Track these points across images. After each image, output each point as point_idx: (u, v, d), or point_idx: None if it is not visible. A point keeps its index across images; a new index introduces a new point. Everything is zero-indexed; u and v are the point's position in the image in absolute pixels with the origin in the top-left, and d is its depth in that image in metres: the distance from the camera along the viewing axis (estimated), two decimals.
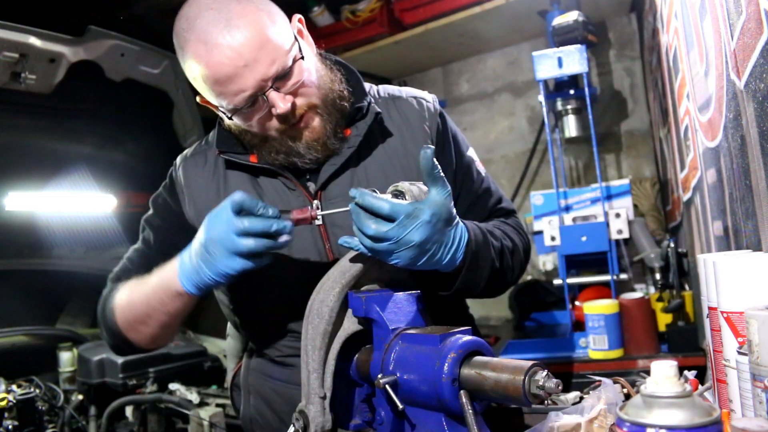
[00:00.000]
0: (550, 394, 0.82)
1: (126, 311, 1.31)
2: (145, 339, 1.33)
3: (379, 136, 1.33)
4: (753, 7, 0.97)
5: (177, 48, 1.19)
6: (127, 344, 1.35)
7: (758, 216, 1.08)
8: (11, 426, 2.27)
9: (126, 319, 1.31)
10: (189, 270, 1.15)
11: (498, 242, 1.23)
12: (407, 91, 1.43)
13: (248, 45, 1.10)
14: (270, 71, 1.12)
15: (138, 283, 1.29)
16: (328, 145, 1.24)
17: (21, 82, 2.49)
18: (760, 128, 1.01)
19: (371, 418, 1.06)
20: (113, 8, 2.70)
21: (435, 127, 1.38)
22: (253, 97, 1.14)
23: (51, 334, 3.09)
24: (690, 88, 1.69)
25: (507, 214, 1.43)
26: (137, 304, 1.28)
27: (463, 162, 1.40)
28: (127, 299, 1.31)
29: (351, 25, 3.33)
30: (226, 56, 1.10)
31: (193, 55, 1.13)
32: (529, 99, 3.73)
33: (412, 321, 1.03)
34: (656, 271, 2.60)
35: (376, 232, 0.97)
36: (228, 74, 1.11)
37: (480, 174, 1.42)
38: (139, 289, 1.28)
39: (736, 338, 0.85)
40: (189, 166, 1.38)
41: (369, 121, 1.28)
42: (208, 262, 1.10)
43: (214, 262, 1.09)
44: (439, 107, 1.42)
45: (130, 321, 1.30)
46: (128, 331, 1.32)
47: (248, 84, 1.12)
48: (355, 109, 1.29)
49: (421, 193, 1.02)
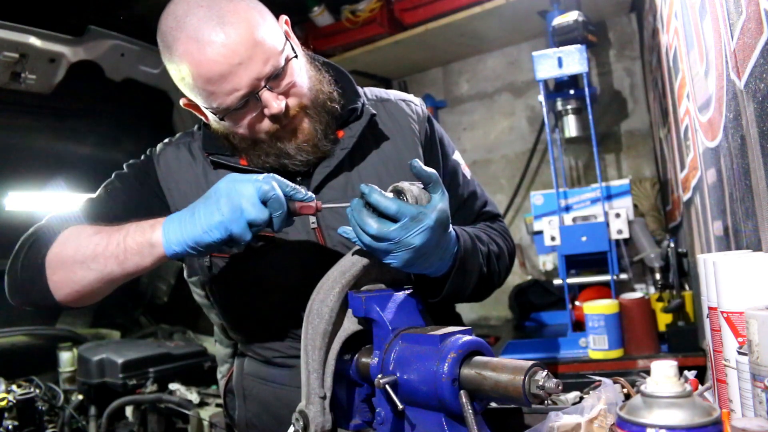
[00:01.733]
0: (550, 394, 0.82)
1: (67, 247, 1.17)
2: (67, 286, 1.18)
3: (371, 138, 1.32)
4: (753, 7, 0.97)
5: (163, 48, 1.15)
6: (37, 286, 1.19)
7: (758, 216, 1.08)
8: (11, 426, 2.27)
9: (61, 255, 1.17)
10: (178, 222, 1.08)
11: (485, 247, 1.23)
12: (394, 93, 1.43)
13: (243, 43, 1.08)
14: (264, 70, 1.11)
15: (94, 227, 1.19)
16: (320, 146, 1.23)
17: (21, 82, 2.50)
18: (760, 128, 1.01)
19: (371, 418, 1.06)
20: (113, 8, 2.70)
21: (424, 131, 1.37)
22: (246, 97, 1.12)
23: (51, 334, 3.10)
24: (690, 88, 1.69)
25: (492, 218, 1.43)
26: (86, 244, 1.15)
27: (449, 166, 1.40)
28: (75, 237, 1.18)
29: (351, 25, 3.32)
30: (220, 54, 1.07)
31: (183, 53, 1.10)
32: (529, 99, 3.73)
33: (412, 321, 1.03)
34: (656, 271, 2.61)
35: (379, 231, 0.97)
36: (222, 72, 1.09)
37: (466, 177, 1.42)
38: (96, 231, 1.17)
39: (736, 338, 0.85)
40: (170, 155, 1.34)
41: (364, 123, 1.28)
42: (209, 215, 1.04)
43: (221, 219, 1.03)
44: (426, 111, 1.42)
45: (67, 258, 1.16)
46: (54, 269, 1.17)
47: (242, 83, 1.10)
48: (349, 110, 1.28)
49: (420, 193, 1.02)
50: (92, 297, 1.21)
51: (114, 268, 1.13)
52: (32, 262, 1.20)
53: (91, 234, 1.17)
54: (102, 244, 1.14)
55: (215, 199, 1.04)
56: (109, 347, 2.79)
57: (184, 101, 1.23)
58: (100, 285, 1.17)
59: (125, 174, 1.36)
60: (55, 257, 1.18)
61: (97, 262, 1.14)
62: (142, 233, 1.11)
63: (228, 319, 1.39)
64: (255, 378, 1.38)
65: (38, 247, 1.20)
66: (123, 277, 1.16)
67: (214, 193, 1.06)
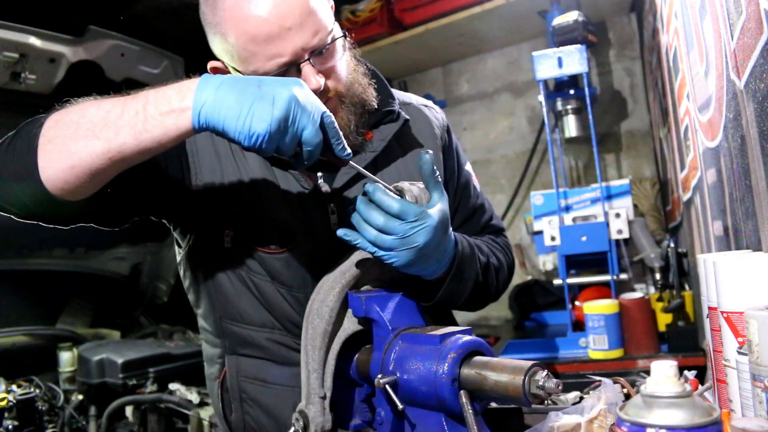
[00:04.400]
0: (550, 394, 0.82)
1: (70, 113, 0.98)
2: (61, 160, 0.94)
3: (396, 143, 1.28)
4: (753, 7, 0.97)
5: (207, 0, 1.07)
6: (19, 156, 0.97)
7: (758, 216, 1.08)
8: (11, 426, 2.27)
9: (63, 121, 0.96)
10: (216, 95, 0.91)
11: (485, 257, 1.23)
12: (415, 98, 1.40)
13: (297, 8, 1.03)
14: (312, 41, 1.06)
15: (104, 98, 1.01)
16: (350, 139, 1.15)
17: (21, 82, 2.49)
18: (760, 128, 1.01)
19: (371, 418, 1.06)
20: (113, 8, 2.70)
21: (444, 139, 1.36)
22: (287, 66, 1.06)
23: (51, 334, 3.10)
24: (690, 88, 1.69)
25: (497, 232, 1.43)
26: (95, 111, 0.96)
27: (462, 177, 1.39)
28: (80, 106, 0.99)
29: (351, 25, 3.32)
30: (272, 14, 1.01)
31: (233, 6, 1.03)
32: (529, 99, 3.73)
33: (412, 321, 1.03)
34: (656, 271, 2.60)
35: (385, 224, 0.96)
36: (270, 33, 1.02)
37: (476, 189, 1.41)
38: (106, 100, 0.99)
39: (736, 338, 0.85)
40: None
41: (397, 128, 1.24)
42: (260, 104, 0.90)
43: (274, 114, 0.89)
44: (446, 118, 1.41)
45: (69, 123, 0.96)
46: (50, 138, 0.95)
47: (287, 49, 1.04)
48: (384, 112, 1.24)
49: (421, 193, 1.02)
50: (87, 180, 0.97)
51: (128, 138, 0.93)
52: (24, 144, 0.97)
53: (101, 102, 0.98)
54: (115, 111, 0.94)
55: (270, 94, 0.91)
56: (109, 347, 2.79)
57: (212, 65, 1.15)
58: (103, 162, 0.95)
59: None
60: (55, 123, 0.96)
61: (108, 129, 0.93)
62: (167, 101, 0.94)
63: (223, 316, 1.31)
64: (254, 380, 1.31)
65: (36, 120, 1.00)
66: (136, 154, 0.96)
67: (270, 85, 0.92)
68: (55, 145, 0.95)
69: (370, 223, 0.98)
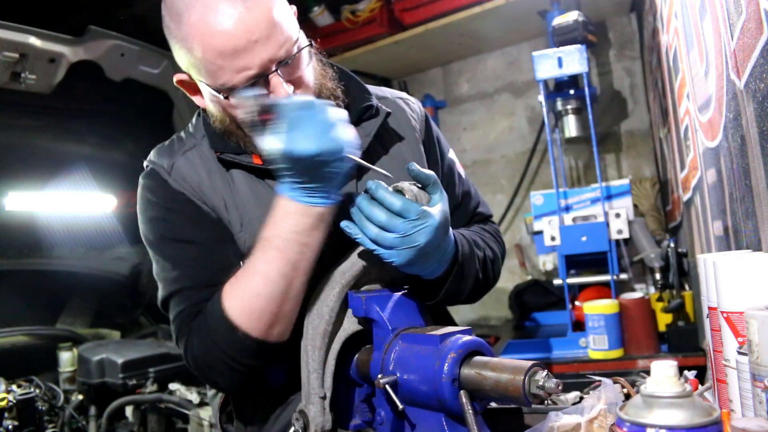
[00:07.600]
0: (550, 394, 0.82)
1: (253, 301, 1.06)
2: (285, 323, 1.08)
3: (377, 138, 1.29)
4: (753, 7, 0.97)
5: (171, 15, 1.08)
6: (261, 346, 1.08)
7: (758, 216, 1.08)
8: (11, 426, 2.28)
9: (257, 310, 1.06)
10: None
11: (481, 252, 1.23)
12: (390, 91, 1.41)
13: (263, 21, 1.04)
14: (279, 53, 1.07)
15: (242, 271, 1.09)
16: None
17: (21, 82, 2.49)
18: (760, 128, 1.01)
19: (371, 418, 1.06)
20: (113, 8, 2.70)
21: (423, 130, 1.36)
22: (255, 78, 1.07)
23: (51, 334, 3.10)
24: (690, 88, 1.69)
25: (485, 219, 1.43)
26: (259, 281, 1.05)
27: (446, 165, 1.39)
28: (245, 288, 1.07)
29: (351, 25, 3.32)
30: (238, 27, 1.02)
31: (197, 22, 1.03)
32: (529, 99, 3.73)
33: (412, 321, 1.03)
34: (656, 271, 2.61)
35: (388, 222, 0.96)
36: (236, 47, 1.03)
37: (461, 177, 1.40)
38: (254, 268, 1.06)
39: (736, 338, 0.85)
40: (185, 167, 1.21)
41: (379, 122, 1.25)
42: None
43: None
44: (423, 109, 1.41)
45: (267, 306, 1.06)
46: (265, 324, 1.06)
47: (255, 61, 1.05)
48: (362, 108, 1.25)
49: (420, 193, 1.02)
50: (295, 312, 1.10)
51: (303, 264, 1.05)
52: (236, 341, 1.07)
53: (251, 273, 1.07)
54: (273, 269, 1.04)
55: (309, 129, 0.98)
56: (109, 347, 2.79)
57: (179, 78, 1.16)
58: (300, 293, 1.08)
59: (169, 230, 1.19)
60: (251, 316, 1.06)
61: (295, 280, 1.05)
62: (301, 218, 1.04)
63: None
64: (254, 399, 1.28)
65: (221, 321, 1.07)
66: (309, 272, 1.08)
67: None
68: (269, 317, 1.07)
69: (371, 220, 0.98)
